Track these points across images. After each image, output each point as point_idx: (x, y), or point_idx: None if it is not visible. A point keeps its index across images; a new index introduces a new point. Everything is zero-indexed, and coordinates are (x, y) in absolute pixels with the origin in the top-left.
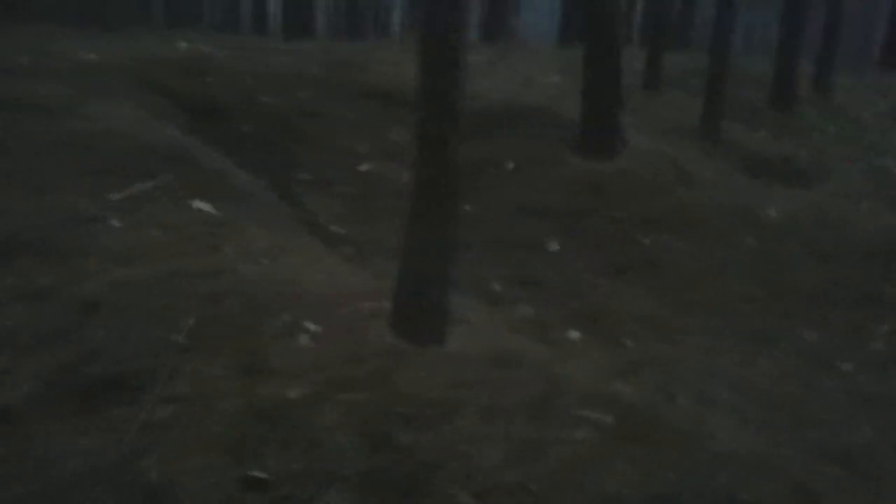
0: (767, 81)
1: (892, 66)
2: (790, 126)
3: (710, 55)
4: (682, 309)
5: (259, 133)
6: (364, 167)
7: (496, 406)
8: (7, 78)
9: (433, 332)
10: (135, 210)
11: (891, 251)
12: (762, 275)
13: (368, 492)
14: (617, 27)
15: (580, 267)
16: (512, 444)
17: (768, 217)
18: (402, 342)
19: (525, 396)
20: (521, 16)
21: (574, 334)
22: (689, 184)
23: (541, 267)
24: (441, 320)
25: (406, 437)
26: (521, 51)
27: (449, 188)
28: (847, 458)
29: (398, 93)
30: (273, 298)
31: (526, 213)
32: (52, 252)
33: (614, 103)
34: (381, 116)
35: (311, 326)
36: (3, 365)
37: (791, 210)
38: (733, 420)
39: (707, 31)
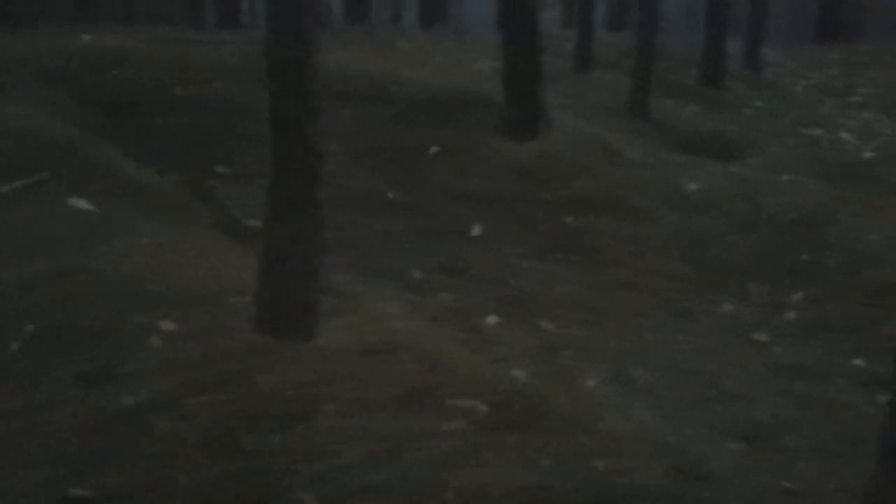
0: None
1: (830, 40)
2: (720, 102)
3: (637, 34)
4: (606, 289)
5: (171, 127)
6: None
7: (362, 401)
8: None
9: (301, 327)
10: (2, 210)
11: (811, 221)
12: (684, 251)
13: None
14: (533, 2)
15: (504, 252)
16: (373, 442)
17: (692, 192)
18: (268, 339)
19: (397, 389)
20: (466, 4)
21: (492, 320)
22: (616, 163)
23: (464, 253)
24: (309, 314)
25: (257, 440)
26: (457, 37)
27: (308, 174)
28: (753, 433)
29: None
30: (132, 299)
31: (449, 198)
32: None
33: (535, 82)
34: None
35: (168, 326)
36: None
37: (716, 185)
38: (644, 400)
39: None
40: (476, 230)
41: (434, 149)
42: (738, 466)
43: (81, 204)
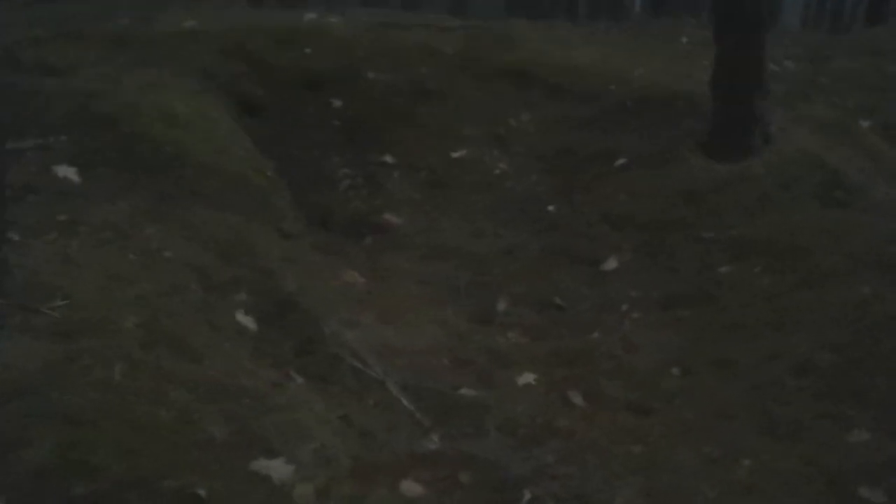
0: None
1: None
2: None
3: None
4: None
5: (349, 109)
6: (458, 153)
7: None
8: (61, 42)
9: None
10: None
11: None
12: (857, 335)
13: None
14: None
15: (623, 295)
16: None
17: None
18: None
19: None
20: None
21: (527, 377)
22: (827, 201)
23: (577, 289)
24: None
25: None
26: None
27: None
28: None
29: (536, 72)
30: None
31: (605, 220)
32: None
33: (754, 88)
34: (507, 99)
35: None
36: None
37: None
38: None
39: None
40: (611, 263)
41: (620, 160)
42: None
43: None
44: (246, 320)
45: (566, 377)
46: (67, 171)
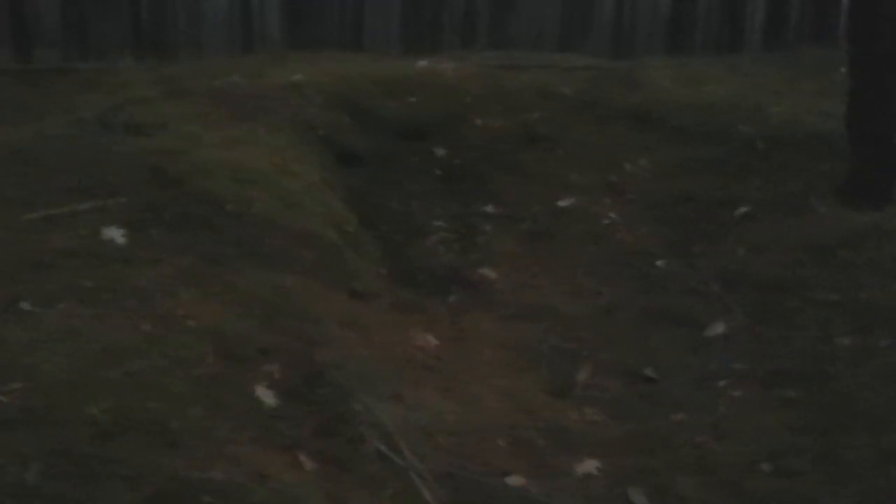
0: None
1: None
2: None
3: None
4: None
5: (453, 158)
6: (565, 202)
7: None
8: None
9: None
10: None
11: None
12: None
13: None
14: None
15: (724, 367)
16: None
17: None
18: None
19: None
20: None
21: (589, 465)
22: None
23: (677, 356)
24: None
25: None
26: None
27: None
28: None
29: (658, 113)
30: None
31: (719, 276)
32: None
33: (894, 125)
34: (625, 142)
35: None
36: None
37: None
38: None
39: None
40: (717, 328)
41: (742, 209)
42: None
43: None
44: (265, 395)
45: (636, 467)
46: (115, 234)
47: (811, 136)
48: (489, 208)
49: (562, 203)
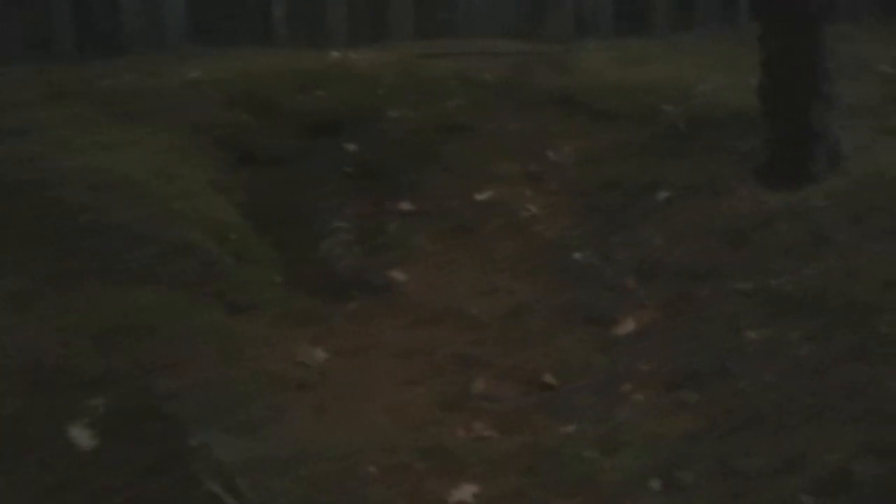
0: None
1: None
2: None
3: None
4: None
5: (365, 153)
6: (483, 195)
7: None
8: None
9: None
10: None
11: None
12: None
13: None
14: None
15: (631, 368)
16: None
17: None
18: None
19: None
20: None
21: (465, 492)
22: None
23: (585, 358)
24: None
25: None
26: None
27: None
28: None
29: (583, 97)
30: None
31: (635, 270)
32: None
33: (810, 100)
34: (548, 129)
35: None
36: None
37: None
38: None
39: None
40: (626, 326)
41: (663, 194)
42: None
43: None
44: (81, 436)
45: (515, 490)
46: None
47: (735, 114)
48: (404, 205)
49: (480, 196)
